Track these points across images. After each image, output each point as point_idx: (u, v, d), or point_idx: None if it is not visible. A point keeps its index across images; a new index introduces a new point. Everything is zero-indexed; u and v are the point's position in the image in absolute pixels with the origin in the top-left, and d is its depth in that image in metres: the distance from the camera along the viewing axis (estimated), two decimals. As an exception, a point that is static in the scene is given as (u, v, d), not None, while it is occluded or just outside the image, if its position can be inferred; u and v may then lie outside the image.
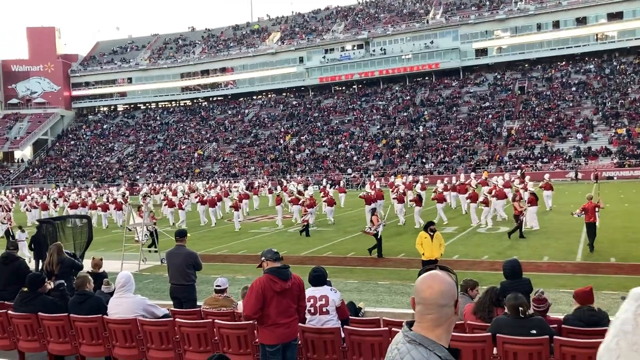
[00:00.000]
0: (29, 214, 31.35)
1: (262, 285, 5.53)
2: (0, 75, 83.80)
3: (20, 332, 7.38)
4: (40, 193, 45.16)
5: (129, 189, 48.52)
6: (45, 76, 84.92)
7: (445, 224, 21.34)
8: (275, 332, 5.58)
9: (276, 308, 5.54)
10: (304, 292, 5.88)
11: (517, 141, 52.32)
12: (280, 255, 6.00)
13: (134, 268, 15.40)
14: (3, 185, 67.67)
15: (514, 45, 65.16)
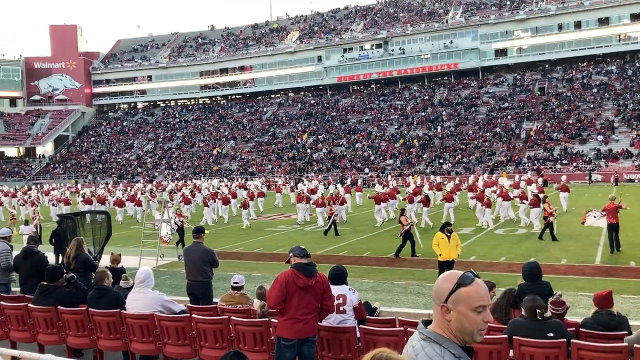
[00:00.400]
0: (53, 208, 31.76)
1: (286, 279, 5.68)
2: (24, 72, 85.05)
3: (40, 325, 7.50)
4: (64, 188, 45.76)
5: (155, 185, 48.87)
6: (67, 73, 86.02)
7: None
8: (293, 327, 5.67)
9: (297, 303, 5.64)
10: (329, 292, 5.87)
11: (536, 142, 51.79)
12: (308, 252, 6.06)
13: (151, 264, 15.55)
14: (25, 180, 68.71)
15: (535, 46, 64.50)
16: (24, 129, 79.68)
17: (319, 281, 5.77)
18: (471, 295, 2.00)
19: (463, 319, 2.01)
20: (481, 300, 2.01)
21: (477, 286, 2.02)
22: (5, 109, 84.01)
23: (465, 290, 2.00)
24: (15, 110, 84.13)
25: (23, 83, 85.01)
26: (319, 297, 5.78)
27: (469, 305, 2.00)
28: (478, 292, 2.02)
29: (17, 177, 70.79)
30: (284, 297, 5.66)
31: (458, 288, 2.01)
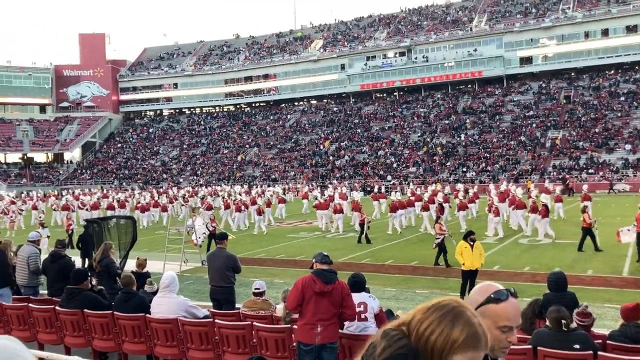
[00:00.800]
0: (87, 213, 32.36)
1: (303, 284, 5.80)
2: (53, 80, 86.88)
3: (67, 328, 7.63)
4: (99, 193, 46.60)
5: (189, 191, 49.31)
6: (95, 81, 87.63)
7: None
8: (310, 332, 5.72)
9: (314, 308, 5.70)
10: (349, 300, 5.87)
11: (562, 151, 51.07)
12: (329, 259, 6.12)
13: (175, 269, 15.70)
14: (53, 185, 70.00)
15: (560, 54, 63.72)
16: (52, 135, 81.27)
17: (337, 288, 5.79)
18: (499, 313, 1.95)
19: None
20: (508, 321, 1.96)
21: (508, 305, 1.97)
22: (35, 116, 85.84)
23: (494, 307, 1.96)
24: (45, 117, 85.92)
25: (52, 90, 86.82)
26: (338, 303, 5.79)
27: (494, 322, 1.95)
28: (507, 312, 1.96)
29: (45, 182, 72.12)
30: (300, 302, 5.77)
31: (488, 303, 1.98)
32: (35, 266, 9.64)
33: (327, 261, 6.03)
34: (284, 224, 28.34)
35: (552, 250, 17.24)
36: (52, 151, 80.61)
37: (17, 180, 72.56)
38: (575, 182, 42.82)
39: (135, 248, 13.50)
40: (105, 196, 42.39)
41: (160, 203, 33.67)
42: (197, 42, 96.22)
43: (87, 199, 36.14)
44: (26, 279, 9.70)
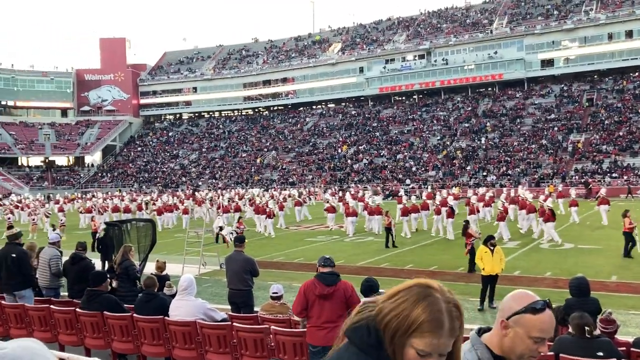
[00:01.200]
0: (100, 216, 32.73)
1: (305, 288, 5.98)
2: (75, 84, 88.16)
3: (87, 329, 7.69)
4: (128, 196, 47.21)
5: (191, 195, 49.77)
6: (116, 85, 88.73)
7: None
8: (317, 334, 5.85)
9: (319, 311, 5.83)
10: (354, 298, 5.92)
11: (584, 155, 50.35)
12: (331, 262, 6.19)
13: (194, 272, 15.78)
14: (74, 188, 70.93)
15: (583, 56, 62.84)
16: (74, 139, 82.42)
17: (339, 289, 5.87)
18: (534, 324, 1.95)
19: (518, 341, 1.98)
20: (542, 332, 1.95)
21: (543, 317, 1.96)
22: (57, 119, 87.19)
23: (530, 318, 1.95)
24: (66, 121, 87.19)
25: (74, 94, 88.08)
26: (343, 304, 5.87)
27: (527, 332, 1.95)
28: (542, 323, 1.95)
29: (66, 186, 73.16)
30: (304, 306, 5.95)
31: (525, 312, 1.96)
32: (56, 268, 9.74)
33: (328, 264, 6.11)
34: (302, 227, 28.32)
35: (574, 255, 16.97)
36: (73, 154, 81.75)
37: (39, 183, 73.68)
38: (598, 186, 42.20)
39: (154, 251, 13.57)
40: (135, 199, 42.94)
41: (179, 206, 33.91)
42: (217, 46, 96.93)
43: (111, 203, 36.61)
44: (47, 280, 9.81)
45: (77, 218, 33.35)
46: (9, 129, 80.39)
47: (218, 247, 17.17)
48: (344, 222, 26.22)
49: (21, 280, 9.14)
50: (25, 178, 74.63)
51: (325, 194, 37.09)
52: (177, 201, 37.30)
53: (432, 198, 28.75)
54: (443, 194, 30.91)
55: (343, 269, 15.41)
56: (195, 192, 51.26)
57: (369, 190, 45.29)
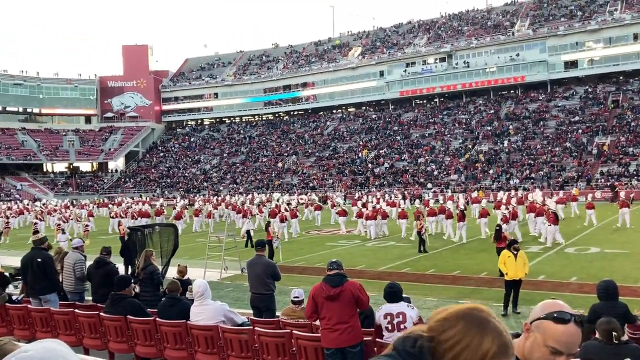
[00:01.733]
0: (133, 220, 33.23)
1: (313, 292, 6.11)
2: (98, 91, 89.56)
3: (110, 334, 7.76)
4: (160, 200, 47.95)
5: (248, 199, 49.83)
6: (138, 91, 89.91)
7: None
8: (329, 336, 5.93)
9: (329, 313, 5.92)
10: (362, 295, 6.03)
11: (610, 157, 49.49)
12: (337, 265, 6.29)
13: (215, 276, 15.86)
14: (97, 194, 71.93)
15: (608, 57, 61.83)
16: (97, 145, 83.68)
17: (347, 289, 5.94)
18: (552, 333, 1.87)
19: (535, 346, 1.92)
20: (557, 344, 1.86)
21: (564, 328, 1.86)
22: (81, 126, 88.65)
23: (549, 325, 1.88)
24: (90, 127, 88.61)
25: (97, 101, 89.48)
26: (352, 304, 5.95)
27: (544, 339, 1.88)
28: (561, 335, 1.86)
29: (90, 191, 74.22)
30: (314, 309, 6.07)
31: (546, 319, 1.89)
32: (80, 272, 9.86)
33: (334, 267, 6.22)
34: (323, 232, 28.29)
35: (601, 260, 16.66)
36: (97, 160, 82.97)
37: (63, 189, 74.88)
38: (625, 189, 41.45)
39: (176, 255, 13.67)
40: (144, 203, 43.46)
41: (202, 211, 34.18)
42: (237, 52, 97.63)
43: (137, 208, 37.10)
44: (72, 285, 9.94)
45: (107, 223, 33.68)
46: (35, 135, 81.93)
47: (240, 251, 17.22)
48: (357, 225, 26.48)
49: (47, 285, 9.27)
50: (50, 184, 75.95)
51: (338, 198, 37.19)
52: (210, 206, 37.65)
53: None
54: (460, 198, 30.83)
55: (365, 274, 15.37)
56: (229, 196, 51.66)
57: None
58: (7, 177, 73.89)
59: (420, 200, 42.59)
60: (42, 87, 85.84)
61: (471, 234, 22.99)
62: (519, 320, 10.19)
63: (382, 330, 6.17)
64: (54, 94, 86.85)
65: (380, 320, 6.19)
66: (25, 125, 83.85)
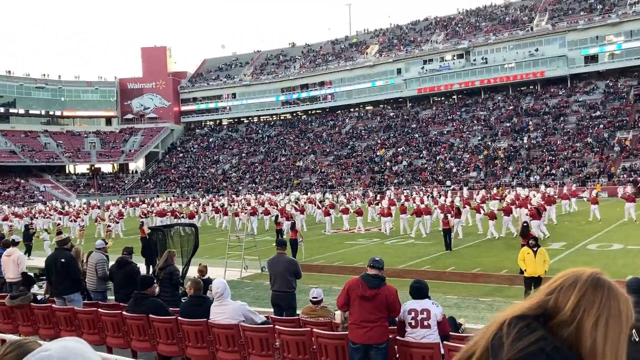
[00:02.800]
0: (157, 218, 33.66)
1: (348, 286, 6.12)
2: (118, 93, 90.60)
3: (133, 332, 7.86)
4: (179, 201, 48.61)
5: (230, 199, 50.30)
6: (157, 93, 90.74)
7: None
8: (356, 331, 5.97)
9: (359, 310, 5.96)
10: (395, 305, 6.02)
11: (632, 152, 48.69)
12: (379, 264, 6.27)
13: (235, 275, 15.97)
14: (119, 194, 72.78)
15: (629, 50, 60.82)
16: (118, 146, 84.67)
17: (382, 293, 5.95)
18: None
19: None
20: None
21: None
22: (101, 128, 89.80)
23: None
24: (110, 129, 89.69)
25: (117, 103, 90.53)
26: (383, 307, 5.96)
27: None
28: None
29: (111, 192, 75.14)
30: (346, 301, 6.10)
31: None
32: (102, 272, 10.01)
33: (376, 266, 6.20)
34: (341, 231, 28.26)
35: (624, 256, 16.43)
36: (118, 162, 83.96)
37: (85, 190, 75.90)
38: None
39: (196, 255, 13.79)
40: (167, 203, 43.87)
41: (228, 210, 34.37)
42: (254, 52, 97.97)
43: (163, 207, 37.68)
44: (95, 284, 10.09)
45: (136, 223, 33.96)
46: (57, 138, 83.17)
47: (260, 250, 17.30)
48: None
49: (70, 285, 9.42)
50: (72, 185, 77.02)
51: (340, 196, 37.86)
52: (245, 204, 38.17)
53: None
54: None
55: (384, 272, 15.34)
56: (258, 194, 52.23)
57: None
58: (30, 179, 75.12)
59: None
60: (63, 90, 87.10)
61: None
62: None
63: (406, 326, 6.17)
64: (75, 96, 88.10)
65: (405, 316, 6.18)
66: (48, 128, 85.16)
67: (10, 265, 11.16)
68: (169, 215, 33.90)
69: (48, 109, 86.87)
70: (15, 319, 9.37)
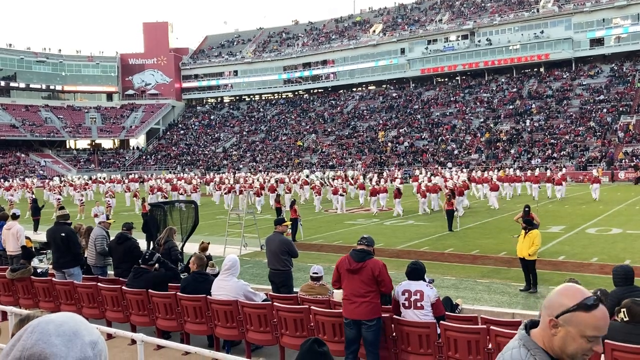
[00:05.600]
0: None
1: (338, 262, 6.35)
2: (119, 68, 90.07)
3: (132, 307, 7.93)
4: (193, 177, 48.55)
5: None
6: (159, 69, 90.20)
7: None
8: (347, 307, 6.16)
9: (348, 284, 6.17)
10: (382, 276, 6.09)
11: (635, 137, 48.53)
12: (366, 240, 6.39)
13: (235, 253, 16.02)
14: (119, 170, 72.82)
15: (636, 34, 60.22)
16: (119, 122, 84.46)
17: (368, 266, 6.07)
18: (588, 323, 1.80)
19: (569, 340, 1.83)
20: (597, 331, 1.80)
21: (598, 314, 1.80)
22: (102, 103, 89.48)
23: (583, 316, 1.80)
24: (112, 105, 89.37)
25: (118, 78, 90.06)
26: (370, 281, 6.07)
27: (581, 331, 1.81)
28: (597, 321, 1.80)
29: (112, 168, 75.14)
30: (337, 278, 6.35)
31: (577, 310, 1.81)
32: (101, 247, 10.06)
33: (363, 242, 6.35)
34: (344, 211, 28.32)
35: (622, 241, 16.47)
36: (119, 137, 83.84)
37: (85, 165, 75.92)
38: None
39: (196, 232, 13.84)
40: (169, 180, 43.91)
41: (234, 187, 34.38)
42: (257, 29, 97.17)
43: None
44: (94, 259, 10.15)
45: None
46: (58, 112, 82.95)
47: (259, 229, 17.35)
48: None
49: (70, 259, 9.48)
50: (73, 160, 77.02)
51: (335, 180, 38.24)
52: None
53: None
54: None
55: (383, 252, 15.40)
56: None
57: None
58: (31, 154, 75.11)
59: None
60: (64, 64, 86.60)
61: (490, 214, 22.78)
62: (535, 300, 10.14)
63: (400, 306, 6.22)
64: (76, 71, 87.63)
65: (399, 296, 6.23)
66: (48, 102, 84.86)
67: (10, 239, 11.23)
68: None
69: (49, 84, 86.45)
70: (16, 291, 9.44)
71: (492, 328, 5.69)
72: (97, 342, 1.43)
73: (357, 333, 6.08)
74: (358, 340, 6.14)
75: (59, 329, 1.38)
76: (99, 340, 1.44)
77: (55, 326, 1.38)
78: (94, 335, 1.43)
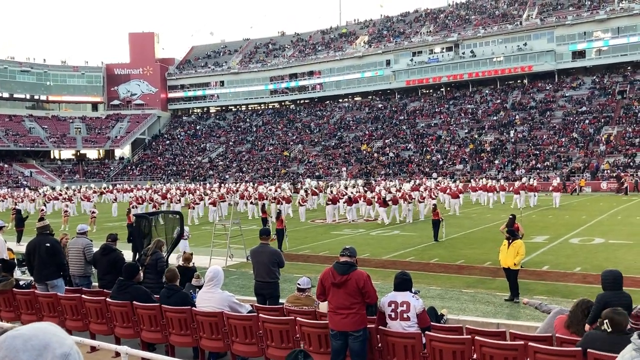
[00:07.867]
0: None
1: (322, 275, 6.30)
2: (105, 78, 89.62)
3: (116, 319, 7.86)
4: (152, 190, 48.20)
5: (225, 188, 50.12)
6: (144, 79, 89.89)
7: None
8: (333, 318, 6.15)
9: (333, 298, 6.13)
10: (366, 287, 6.08)
11: (616, 148, 49.25)
12: (349, 251, 6.32)
13: (221, 264, 15.94)
14: (104, 181, 72.21)
15: (616, 47, 61.30)
16: (104, 132, 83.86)
17: (352, 278, 6.05)
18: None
19: None
20: None
21: None
22: (87, 113, 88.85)
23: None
24: (97, 115, 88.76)
25: (104, 88, 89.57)
26: (355, 293, 6.05)
27: None
28: None
29: (97, 178, 74.49)
30: (322, 291, 6.30)
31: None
32: (90, 256, 9.95)
33: (346, 254, 6.29)
34: (327, 221, 28.32)
35: (605, 250, 16.67)
36: (104, 148, 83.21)
37: (70, 175, 75.19)
38: (631, 181, 41.39)
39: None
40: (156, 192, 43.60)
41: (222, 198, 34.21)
42: (243, 39, 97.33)
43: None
44: (82, 269, 10.02)
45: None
46: (42, 122, 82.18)
47: (245, 240, 17.29)
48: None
49: (54, 270, 9.37)
50: (57, 171, 76.25)
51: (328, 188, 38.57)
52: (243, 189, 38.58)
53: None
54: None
55: (369, 263, 15.43)
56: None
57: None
58: (14, 164, 74.24)
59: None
60: (49, 74, 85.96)
61: (474, 224, 22.96)
62: (516, 310, 10.21)
63: (386, 317, 6.23)
64: (61, 81, 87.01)
65: (385, 308, 6.24)
66: (33, 112, 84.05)
67: (-7, 250, 11.07)
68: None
69: (33, 93, 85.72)
70: (-2, 304, 9.30)
71: (477, 338, 5.73)
72: (69, 354, 1.37)
73: (344, 344, 6.07)
74: (344, 352, 6.13)
75: (27, 343, 1.33)
76: (71, 352, 1.38)
77: (22, 341, 1.33)
78: (65, 347, 1.37)
